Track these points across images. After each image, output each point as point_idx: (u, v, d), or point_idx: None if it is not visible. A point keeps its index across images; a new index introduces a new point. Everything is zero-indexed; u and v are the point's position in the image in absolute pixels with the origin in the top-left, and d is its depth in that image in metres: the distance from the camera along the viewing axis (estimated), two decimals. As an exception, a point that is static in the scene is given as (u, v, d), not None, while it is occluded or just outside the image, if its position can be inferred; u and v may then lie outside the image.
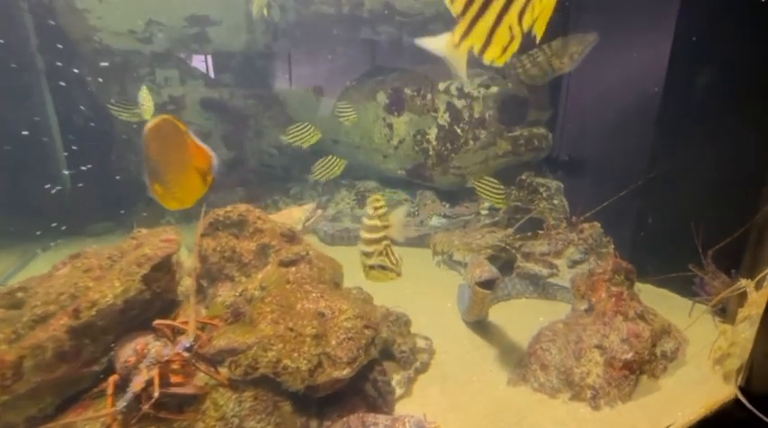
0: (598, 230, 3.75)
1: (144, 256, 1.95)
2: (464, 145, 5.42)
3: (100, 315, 1.72)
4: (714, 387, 2.37)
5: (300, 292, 2.22)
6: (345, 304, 2.23)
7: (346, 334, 2.06)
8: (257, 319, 1.98)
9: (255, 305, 2.03)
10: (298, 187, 8.35)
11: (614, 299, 2.40)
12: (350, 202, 7.56)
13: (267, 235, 2.55)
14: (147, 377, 1.52)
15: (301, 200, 8.02)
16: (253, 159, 9.06)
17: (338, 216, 7.20)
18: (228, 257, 2.42)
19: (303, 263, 2.41)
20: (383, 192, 7.63)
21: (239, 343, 1.85)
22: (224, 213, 2.53)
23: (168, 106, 7.82)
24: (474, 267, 3.00)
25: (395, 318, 3.00)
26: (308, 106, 7.57)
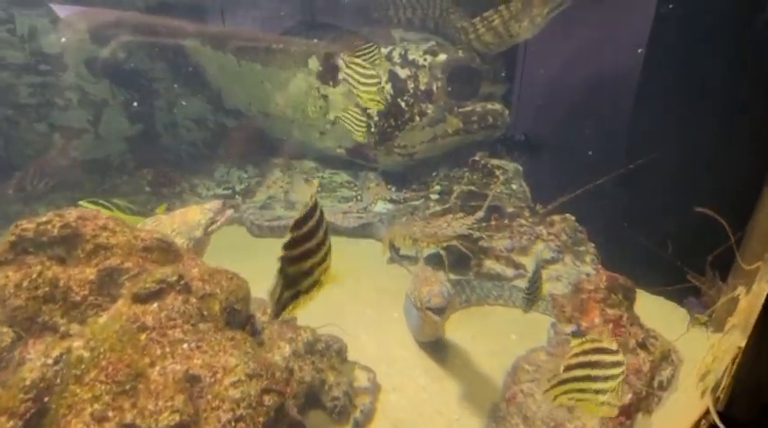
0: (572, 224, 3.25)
1: None
2: (409, 121, 4.70)
3: None
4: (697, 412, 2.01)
5: (162, 346, 1.42)
6: (235, 356, 1.49)
7: (233, 410, 1.34)
8: (67, 418, 1.16)
9: (63, 392, 1.19)
10: (224, 168, 7.17)
11: (611, 326, 1.89)
12: (283, 186, 6.60)
13: (118, 253, 1.65)
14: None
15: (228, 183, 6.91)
16: (167, 135, 7.62)
17: (269, 202, 6.22)
18: (45, 296, 1.50)
19: (173, 295, 1.57)
20: (322, 174, 6.76)
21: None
22: (35, 226, 1.56)
23: (40, 66, 6.12)
24: (421, 283, 2.35)
25: (323, 347, 2.27)
26: (230, 70, 6.35)
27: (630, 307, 2.07)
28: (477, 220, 3.48)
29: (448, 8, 4.36)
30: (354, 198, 5.93)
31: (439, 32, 4.84)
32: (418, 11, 4.73)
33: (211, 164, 7.13)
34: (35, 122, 6.33)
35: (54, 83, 6.28)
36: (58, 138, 6.65)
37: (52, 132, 6.47)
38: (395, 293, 3.37)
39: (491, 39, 3.85)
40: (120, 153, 6.83)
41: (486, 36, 3.88)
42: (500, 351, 2.40)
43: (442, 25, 4.63)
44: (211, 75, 7.05)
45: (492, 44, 3.94)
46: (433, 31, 4.87)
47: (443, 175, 5.07)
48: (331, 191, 6.39)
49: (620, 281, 2.07)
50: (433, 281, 2.31)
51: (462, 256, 3.66)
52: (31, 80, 6.13)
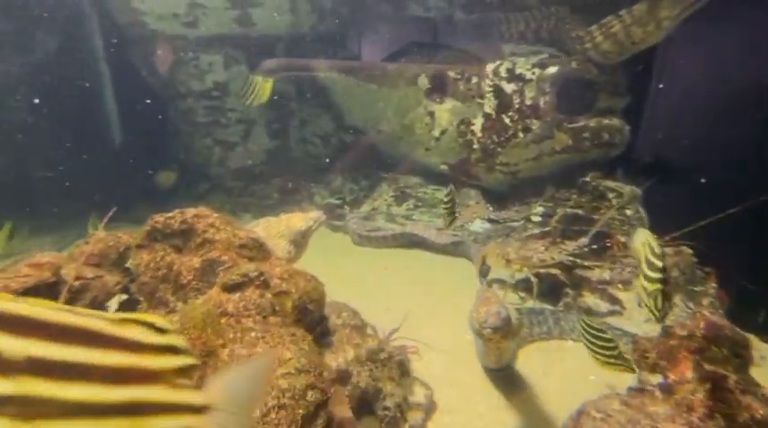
0: (688, 258, 2.68)
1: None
2: (512, 137, 4.50)
3: None
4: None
5: (235, 331, 1.66)
6: (291, 350, 1.63)
7: (278, 398, 1.46)
8: None
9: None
10: (339, 180, 7.93)
11: (709, 387, 1.48)
12: (388, 199, 6.96)
13: (218, 248, 1.97)
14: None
15: (340, 194, 7.60)
16: (296, 149, 8.81)
17: (372, 214, 6.63)
18: (163, 277, 1.89)
19: (252, 288, 1.82)
20: (426, 190, 6.91)
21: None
22: (164, 220, 2.02)
23: (213, 92, 7.79)
24: (480, 303, 2.22)
25: (386, 357, 2.30)
26: (352, 92, 7.04)
27: (744, 369, 1.58)
28: (579, 247, 3.13)
29: (564, 18, 4.10)
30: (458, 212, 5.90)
31: (554, 44, 4.56)
32: (532, 23, 4.55)
33: (329, 175, 7.93)
34: (204, 137, 8.06)
35: (220, 106, 7.93)
36: (218, 151, 8.34)
37: (215, 145, 8.15)
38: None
39: (610, 47, 3.47)
40: (260, 164, 8.17)
41: (604, 44, 3.51)
42: (572, 391, 2.10)
43: (557, 36, 4.36)
44: (336, 96, 7.93)
45: (611, 53, 3.55)
46: (548, 42, 4.62)
47: (548, 196, 4.69)
48: (431, 206, 6.48)
49: (726, 331, 1.58)
50: (492, 302, 2.18)
51: (555, 284, 3.33)
52: (205, 104, 7.85)
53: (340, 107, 8.20)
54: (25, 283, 1.45)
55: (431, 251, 4.94)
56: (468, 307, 3.42)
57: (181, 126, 7.97)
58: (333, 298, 2.41)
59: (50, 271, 1.54)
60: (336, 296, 2.50)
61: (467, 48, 5.32)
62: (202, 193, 8.10)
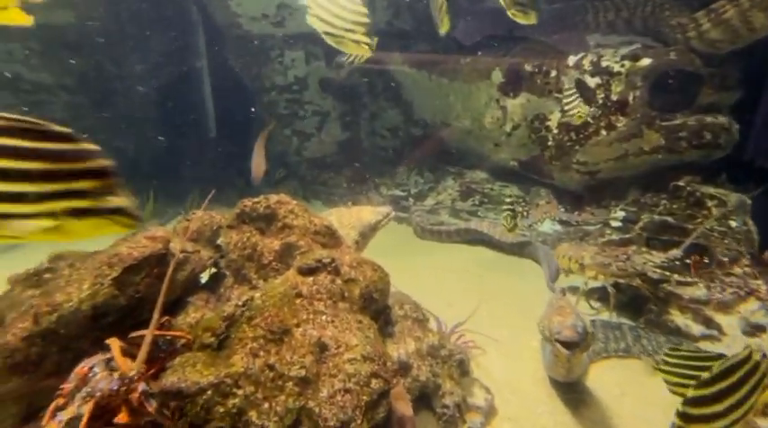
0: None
1: (116, 256, 1.62)
2: (594, 134, 4.13)
3: (62, 322, 1.45)
4: None
5: (308, 312, 1.70)
6: (357, 337, 1.65)
7: (344, 382, 1.49)
8: (235, 347, 1.53)
9: (240, 327, 1.58)
10: (405, 172, 7.97)
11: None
12: (453, 194, 6.84)
13: (296, 233, 2.07)
14: (76, 413, 1.21)
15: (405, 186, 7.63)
16: (366, 141, 8.99)
17: (436, 208, 6.57)
18: (248, 256, 2.02)
19: (325, 274, 1.87)
20: (493, 186, 6.67)
21: (189, 383, 1.35)
22: (251, 204, 2.17)
23: (294, 86, 8.22)
24: (553, 312, 2.08)
25: (446, 354, 2.27)
26: (423, 86, 7.00)
27: None
28: (669, 259, 2.81)
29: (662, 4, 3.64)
30: (520, 214, 5.63)
31: (648, 33, 4.09)
32: (623, 11, 4.11)
33: (395, 168, 7.99)
34: (284, 128, 8.57)
35: (299, 99, 8.36)
36: (296, 141, 8.81)
37: (293, 136, 8.63)
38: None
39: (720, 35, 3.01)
40: (332, 154, 8.48)
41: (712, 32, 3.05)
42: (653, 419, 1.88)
43: (652, 25, 3.89)
44: (406, 90, 7.92)
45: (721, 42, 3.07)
46: (641, 32, 4.15)
47: (631, 200, 4.26)
48: (498, 204, 6.24)
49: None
50: (567, 312, 2.03)
51: (636, 298, 3.02)
52: (287, 97, 8.32)
53: (409, 101, 8.18)
54: (143, 252, 1.64)
55: (496, 249, 4.77)
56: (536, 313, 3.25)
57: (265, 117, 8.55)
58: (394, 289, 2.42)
59: (162, 244, 1.71)
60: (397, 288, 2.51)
61: (547, 40, 4.99)
62: (279, 180, 8.62)
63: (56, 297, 1.51)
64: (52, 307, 1.47)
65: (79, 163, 0.85)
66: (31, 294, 1.65)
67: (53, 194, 0.84)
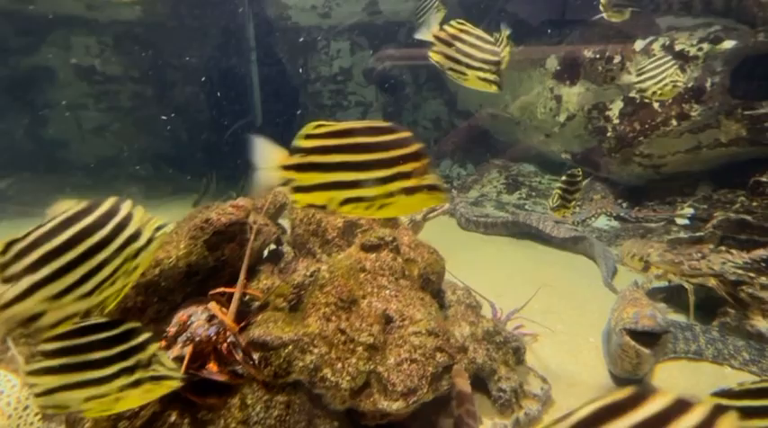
0: None
1: (207, 221, 1.77)
2: (662, 125, 3.82)
3: (162, 275, 1.64)
4: None
5: (372, 286, 1.76)
6: (420, 312, 1.68)
7: (410, 352, 1.54)
8: (309, 311, 1.62)
9: (312, 293, 1.68)
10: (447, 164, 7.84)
11: None
12: (498, 186, 6.64)
13: None
14: (178, 353, 1.36)
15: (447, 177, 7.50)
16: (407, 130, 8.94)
17: (481, 199, 6.41)
18: (313, 231, 2.12)
19: (387, 251, 1.91)
20: (541, 179, 6.41)
21: (274, 336, 1.47)
22: None
23: (338, 77, 8.28)
24: (627, 303, 1.94)
25: (501, 340, 2.22)
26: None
27: None
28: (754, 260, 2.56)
29: (752, -20, 3.27)
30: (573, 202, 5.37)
31: (731, 14, 3.70)
32: (702, -10, 3.75)
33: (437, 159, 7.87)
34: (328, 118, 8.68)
35: (343, 89, 8.42)
36: (339, 131, 8.93)
37: (336, 126, 8.75)
38: (597, 317, 2.93)
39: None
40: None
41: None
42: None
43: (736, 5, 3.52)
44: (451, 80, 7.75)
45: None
46: (722, 12, 3.76)
47: (702, 196, 3.92)
48: (546, 197, 5.99)
49: None
50: (643, 303, 1.90)
51: (709, 300, 2.79)
52: (331, 88, 8.41)
53: (453, 91, 7.99)
54: (230, 219, 1.77)
55: (545, 244, 4.58)
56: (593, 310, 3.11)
57: (309, 108, 8.69)
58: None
59: (245, 213, 1.84)
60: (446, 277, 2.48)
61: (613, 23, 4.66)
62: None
63: (157, 253, 1.67)
64: (155, 262, 1.64)
65: (403, 149, 1.01)
66: None
67: (390, 177, 1.01)
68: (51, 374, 1.01)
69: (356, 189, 1.03)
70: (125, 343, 1.04)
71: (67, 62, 6.91)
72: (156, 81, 7.65)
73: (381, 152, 1.01)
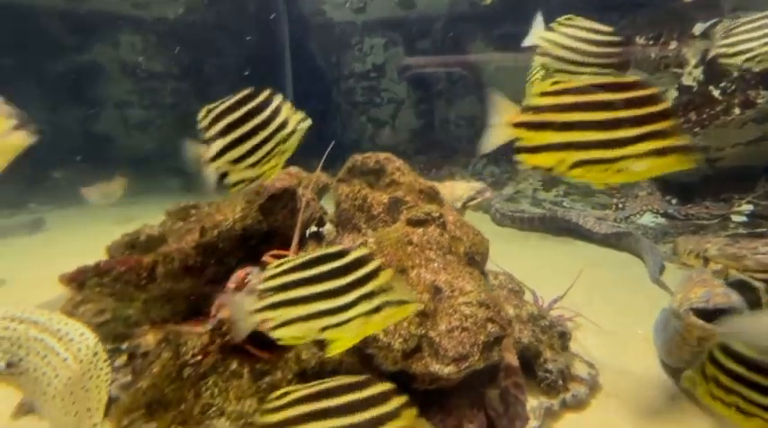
0: None
1: (262, 186, 1.83)
2: (721, 114, 3.55)
3: (221, 237, 1.71)
4: None
5: (420, 258, 1.76)
6: (470, 284, 1.67)
7: (461, 321, 1.53)
8: None
9: None
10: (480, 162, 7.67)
11: None
12: (534, 183, 6.43)
13: (403, 189, 2.15)
14: None
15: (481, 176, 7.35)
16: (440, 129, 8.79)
17: (516, 196, 6.22)
18: (359, 206, 2.13)
19: (433, 226, 1.92)
20: (578, 176, 6.15)
21: None
22: (362, 158, 2.26)
23: (371, 73, 8.28)
24: (693, 285, 1.79)
25: (547, 324, 2.16)
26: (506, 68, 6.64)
27: None
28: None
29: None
30: (614, 205, 5.11)
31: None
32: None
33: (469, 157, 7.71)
34: (360, 115, 8.69)
35: (376, 86, 8.40)
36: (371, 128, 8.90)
37: (368, 123, 8.72)
38: (644, 311, 2.80)
39: None
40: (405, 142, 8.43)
41: None
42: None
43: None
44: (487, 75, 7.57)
45: None
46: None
47: (763, 192, 3.62)
48: (585, 195, 5.74)
49: None
50: (714, 284, 1.75)
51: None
52: (364, 84, 8.42)
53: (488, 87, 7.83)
54: (284, 185, 1.84)
55: (585, 240, 4.37)
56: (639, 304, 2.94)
57: (342, 105, 8.73)
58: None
59: (297, 180, 1.93)
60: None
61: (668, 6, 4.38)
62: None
63: (216, 217, 1.76)
64: (214, 224, 1.73)
65: (651, 106, 0.94)
66: (181, 225, 1.97)
67: (636, 138, 0.94)
68: (286, 306, 1.04)
69: (593, 150, 0.96)
70: (358, 271, 1.05)
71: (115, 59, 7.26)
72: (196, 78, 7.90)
73: (627, 110, 0.94)
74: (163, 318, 1.80)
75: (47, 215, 5.40)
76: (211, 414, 1.34)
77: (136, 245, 1.93)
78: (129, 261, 1.70)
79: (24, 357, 1.51)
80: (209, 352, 1.46)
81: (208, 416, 1.34)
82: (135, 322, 1.85)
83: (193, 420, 1.35)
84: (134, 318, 1.84)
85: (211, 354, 1.46)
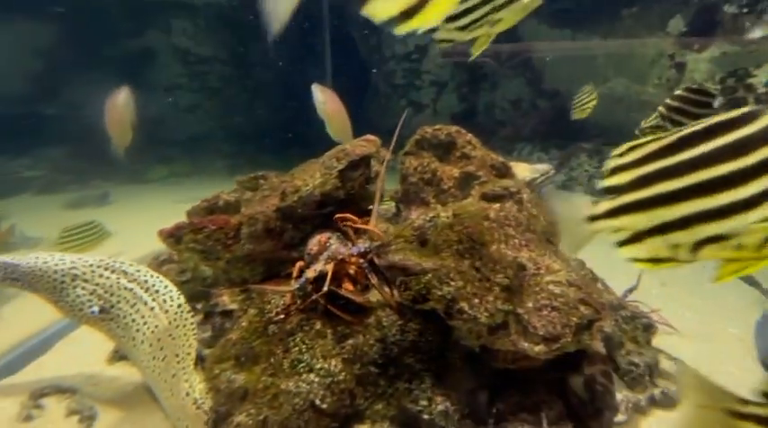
0: None
1: (343, 151, 1.76)
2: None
3: (300, 202, 1.69)
4: None
5: (499, 234, 1.65)
6: (557, 264, 1.54)
7: (550, 300, 1.41)
8: (440, 246, 1.56)
9: (442, 230, 1.63)
10: (526, 148, 7.29)
11: None
12: (590, 170, 6.04)
13: (475, 163, 2.03)
14: (322, 268, 1.43)
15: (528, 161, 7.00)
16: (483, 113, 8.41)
17: (569, 183, 5.88)
18: (428, 180, 2.03)
19: (511, 202, 1.81)
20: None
21: (414, 263, 1.47)
22: (432, 131, 2.14)
23: (413, 55, 8.00)
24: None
25: (628, 315, 1.99)
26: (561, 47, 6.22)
27: None
28: None
29: None
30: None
31: None
32: None
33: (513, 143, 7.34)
34: (400, 98, 8.46)
35: (417, 68, 8.12)
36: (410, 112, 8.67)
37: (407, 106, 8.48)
38: (732, 310, 2.55)
39: None
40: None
41: None
42: None
43: None
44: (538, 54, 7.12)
45: None
46: None
47: None
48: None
49: None
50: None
51: None
52: (405, 66, 8.16)
53: (539, 67, 7.37)
54: (363, 151, 1.76)
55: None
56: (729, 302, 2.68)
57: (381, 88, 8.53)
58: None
59: (375, 147, 1.81)
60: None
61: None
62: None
63: (296, 182, 1.73)
64: (294, 188, 1.70)
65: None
66: (251, 195, 1.99)
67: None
68: (645, 209, 0.73)
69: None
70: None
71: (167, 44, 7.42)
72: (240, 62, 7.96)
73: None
74: (242, 279, 1.83)
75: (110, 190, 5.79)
76: (300, 369, 1.35)
77: (214, 211, 1.96)
78: (220, 220, 1.73)
79: (115, 304, 1.59)
80: (290, 312, 1.48)
81: (297, 371, 1.35)
82: (211, 283, 1.91)
83: (283, 374, 1.35)
84: (210, 280, 1.91)
85: (294, 314, 1.46)
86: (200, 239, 1.71)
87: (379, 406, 1.35)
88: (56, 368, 1.94)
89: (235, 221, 1.74)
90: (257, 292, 1.65)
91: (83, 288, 1.59)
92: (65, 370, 1.91)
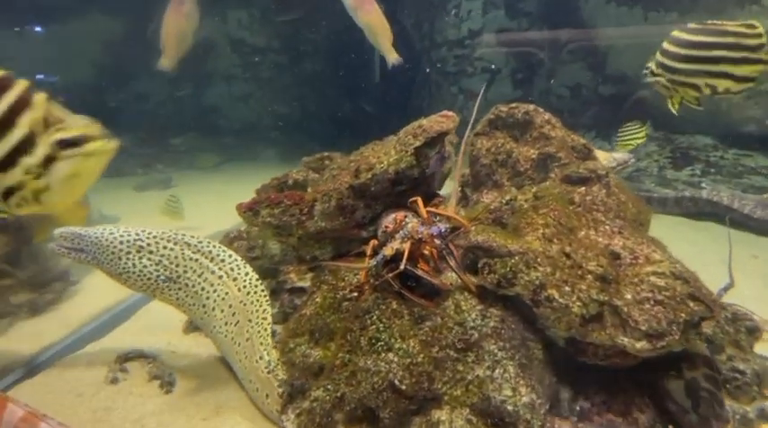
0: None
1: (420, 127, 1.67)
2: None
3: (374, 179, 1.63)
4: None
5: (587, 219, 1.52)
6: (658, 253, 1.40)
7: (653, 293, 1.27)
8: (524, 229, 1.45)
9: (525, 213, 1.52)
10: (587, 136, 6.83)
11: None
12: (660, 161, 5.55)
13: (554, 144, 1.88)
14: (398, 247, 1.36)
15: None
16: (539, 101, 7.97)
17: (637, 175, 5.43)
18: (502, 161, 1.92)
19: (598, 186, 1.66)
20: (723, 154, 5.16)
21: (499, 244, 1.37)
22: (507, 109, 2.00)
23: (466, 41, 7.72)
24: None
25: (730, 317, 1.79)
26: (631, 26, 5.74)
27: None
28: None
29: None
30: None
31: None
32: None
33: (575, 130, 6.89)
34: (451, 86, 8.21)
35: (470, 55, 7.83)
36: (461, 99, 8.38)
37: (459, 94, 8.20)
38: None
39: None
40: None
41: None
42: None
43: None
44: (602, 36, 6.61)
45: None
46: None
47: None
48: (731, 175, 4.79)
49: None
50: None
51: None
52: (456, 53, 7.90)
53: (603, 51, 6.84)
54: (441, 127, 1.66)
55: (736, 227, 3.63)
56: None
57: (432, 75, 8.32)
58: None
59: (453, 124, 1.72)
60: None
61: None
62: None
63: (370, 159, 1.68)
64: (368, 166, 1.65)
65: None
66: (316, 176, 1.99)
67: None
68: None
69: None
70: None
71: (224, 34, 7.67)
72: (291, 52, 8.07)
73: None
74: (312, 257, 1.82)
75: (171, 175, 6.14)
76: (379, 348, 1.30)
77: (284, 189, 1.97)
78: (295, 196, 1.72)
79: (182, 274, 1.62)
80: (364, 290, 1.44)
81: (375, 350, 1.30)
82: (279, 261, 1.91)
83: (361, 351, 1.32)
84: (278, 258, 1.92)
85: (367, 292, 1.43)
86: (277, 214, 1.72)
87: (457, 392, 1.28)
88: (137, 335, 2.05)
89: (309, 197, 1.73)
90: (329, 270, 1.62)
91: (149, 258, 1.61)
92: (145, 337, 2.01)
